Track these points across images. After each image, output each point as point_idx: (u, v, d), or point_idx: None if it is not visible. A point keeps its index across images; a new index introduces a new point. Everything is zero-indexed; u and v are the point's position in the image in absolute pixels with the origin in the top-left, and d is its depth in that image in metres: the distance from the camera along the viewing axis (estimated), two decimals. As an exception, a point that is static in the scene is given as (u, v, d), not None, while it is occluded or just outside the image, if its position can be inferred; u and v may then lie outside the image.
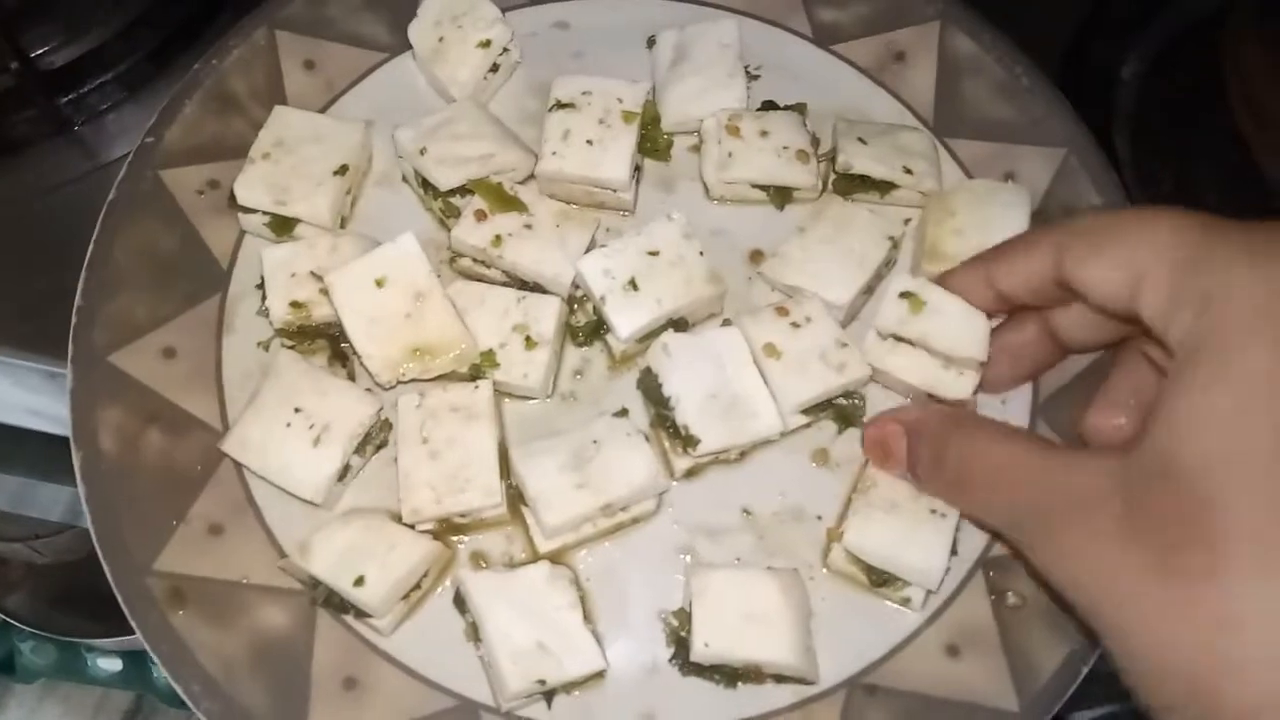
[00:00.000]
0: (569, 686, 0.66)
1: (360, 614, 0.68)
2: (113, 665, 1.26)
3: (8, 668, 1.25)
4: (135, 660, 1.24)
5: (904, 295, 0.71)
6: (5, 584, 1.19)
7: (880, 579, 0.68)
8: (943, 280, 0.71)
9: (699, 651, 0.65)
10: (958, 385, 0.71)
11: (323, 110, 0.83)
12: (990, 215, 0.74)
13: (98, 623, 1.17)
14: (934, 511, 0.67)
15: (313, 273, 0.74)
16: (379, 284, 0.71)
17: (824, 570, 0.71)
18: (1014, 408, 0.75)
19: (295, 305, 0.73)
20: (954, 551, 0.69)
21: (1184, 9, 0.89)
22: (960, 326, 0.69)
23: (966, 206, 0.75)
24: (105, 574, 0.68)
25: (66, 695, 1.30)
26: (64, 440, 0.72)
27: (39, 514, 1.05)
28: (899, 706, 0.67)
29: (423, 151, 0.77)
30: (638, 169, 0.81)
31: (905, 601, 0.69)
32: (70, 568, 1.18)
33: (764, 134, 0.79)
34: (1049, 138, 0.81)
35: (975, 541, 0.71)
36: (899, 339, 0.71)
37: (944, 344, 0.69)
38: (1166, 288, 0.51)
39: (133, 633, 0.67)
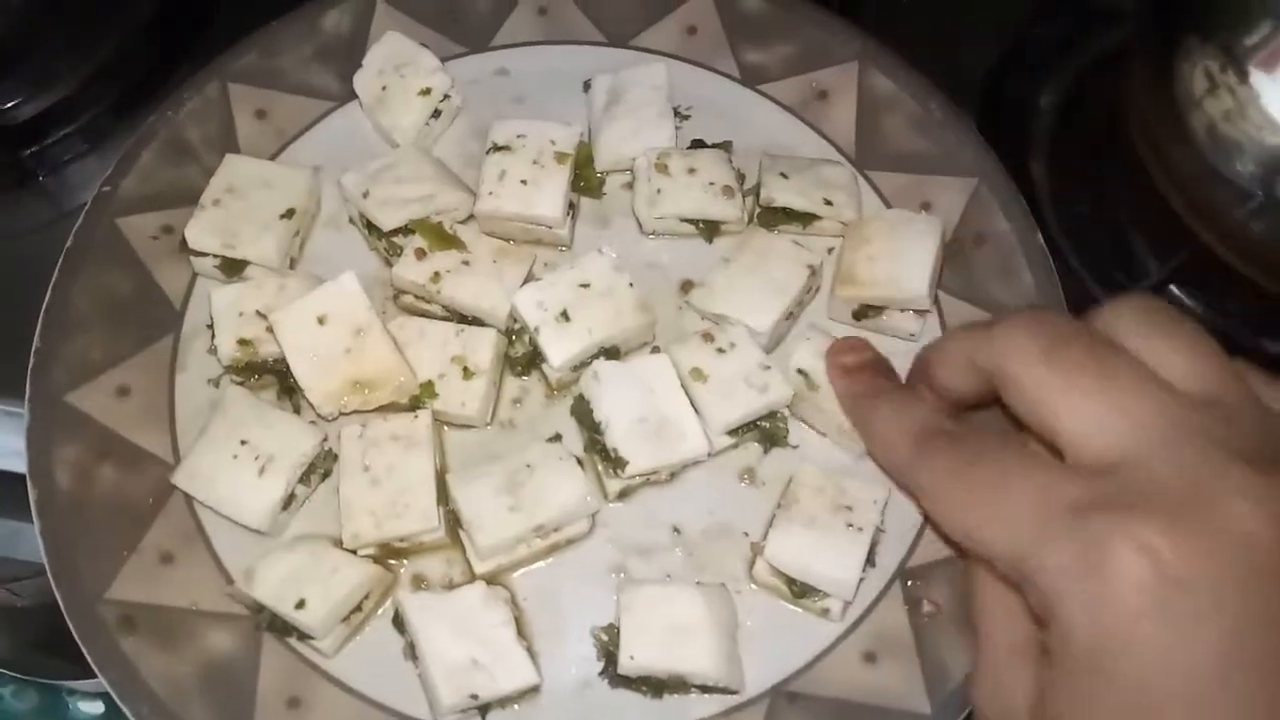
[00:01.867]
0: (504, 701, 0.69)
1: (304, 636, 0.71)
2: (94, 708, 1.26)
3: (-12, 712, 1.26)
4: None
5: (800, 373, 0.75)
6: (-16, 628, 1.20)
7: (801, 590, 0.71)
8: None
9: (625, 664, 0.68)
10: None
11: (273, 157, 0.87)
12: (902, 243, 0.78)
13: (79, 664, 1.17)
14: (850, 525, 0.71)
15: (259, 312, 0.77)
16: (320, 321, 0.75)
17: (750, 584, 0.74)
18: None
19: (243, 343, 0.77)
20: (873, 563, 0.72)
21: (1093, 46, 0.94)
22: None
23: (880, 235, 0.79)
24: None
25: (50, 739, 1.31)
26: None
27: (23, 556, 1.07)
28: (818, 712, 0.69)
29: (366, 194, 0.81)
30: (573, 206, 0.85)
31: (824, 612, 0.71)
32: (50, 610, 1.18)
33: (691, 171, 0.83)
34: (962, 168, 0.85)
35: (894, 553, 0.74)
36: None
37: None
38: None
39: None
